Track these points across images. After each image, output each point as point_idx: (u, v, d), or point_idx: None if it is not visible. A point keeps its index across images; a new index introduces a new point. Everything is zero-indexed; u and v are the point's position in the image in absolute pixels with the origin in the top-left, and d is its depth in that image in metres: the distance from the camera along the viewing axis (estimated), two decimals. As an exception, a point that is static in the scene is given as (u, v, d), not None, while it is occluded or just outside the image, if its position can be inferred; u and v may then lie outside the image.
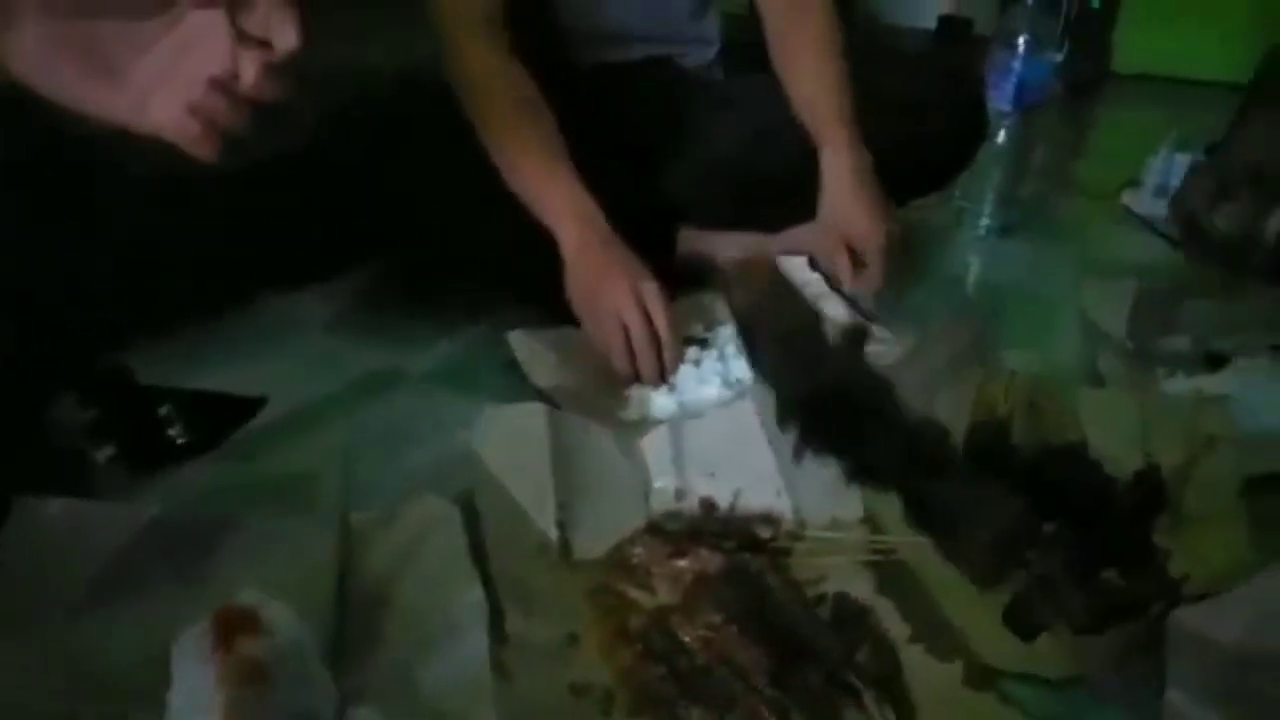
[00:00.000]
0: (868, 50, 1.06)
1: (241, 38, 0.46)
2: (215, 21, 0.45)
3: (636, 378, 0.87)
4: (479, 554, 0.61)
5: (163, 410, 0.77)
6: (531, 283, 0.98)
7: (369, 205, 1.02)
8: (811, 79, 1.03)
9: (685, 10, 1.15)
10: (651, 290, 0.87)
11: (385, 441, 0.81)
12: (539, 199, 0.92)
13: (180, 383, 0.80)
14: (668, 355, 0.87)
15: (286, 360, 0.94)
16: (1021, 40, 1.21)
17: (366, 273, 1.13)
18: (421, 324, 1.02)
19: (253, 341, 0.96)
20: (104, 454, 0.72)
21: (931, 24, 2.75)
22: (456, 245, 0.99)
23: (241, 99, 0.46)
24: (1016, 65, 1.21)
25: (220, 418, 0.80)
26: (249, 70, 0.46)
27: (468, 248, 0.99)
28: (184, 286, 0.91)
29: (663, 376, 0.86)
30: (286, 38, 0.45)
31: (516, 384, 0.89)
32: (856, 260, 0.99)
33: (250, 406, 0.82)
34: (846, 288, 1.00)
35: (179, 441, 0.76)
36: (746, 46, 1.20)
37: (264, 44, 0.46)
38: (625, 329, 0.86)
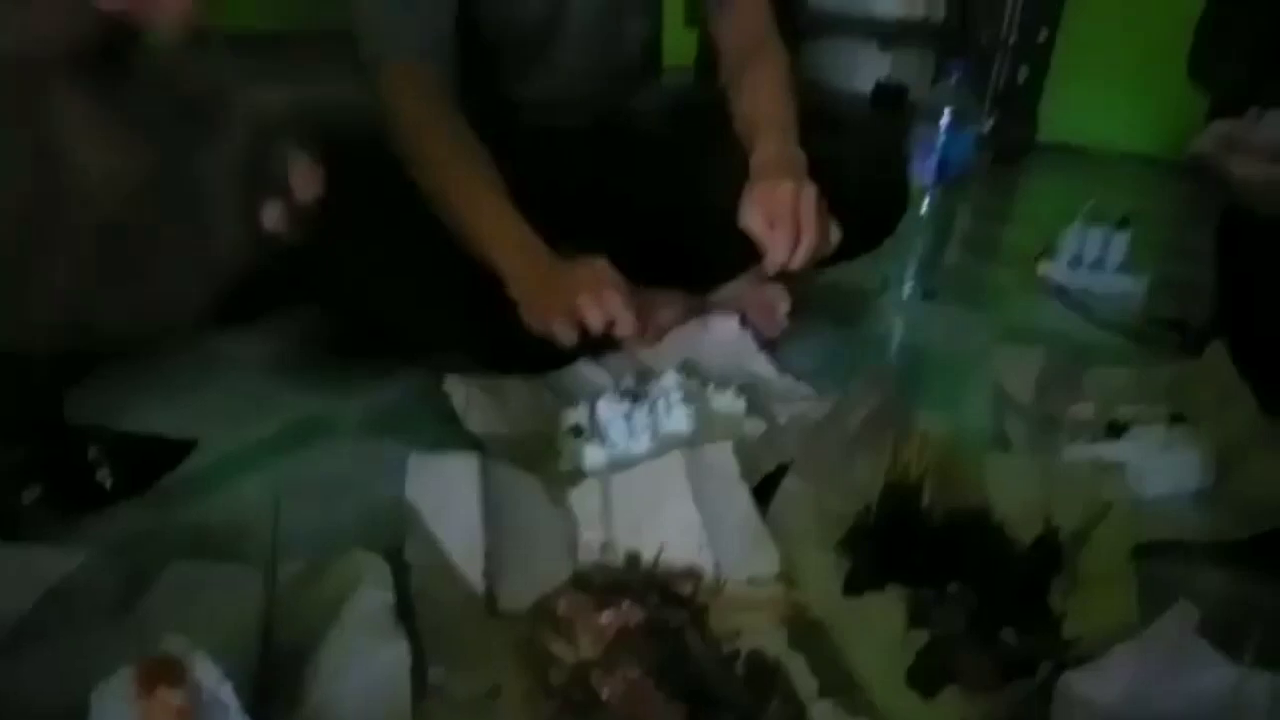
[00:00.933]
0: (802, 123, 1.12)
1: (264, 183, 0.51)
2: None
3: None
4: (406, 607, 0.63)
5: (91, 452, 0.77)
6: (469, 328, 1.00)
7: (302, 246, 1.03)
8: (762, 105, 1.08)
9: (629, 74, 1.20)
10: (604, 269, 0.92)
11: (317, 489, 0.81)
12: (480, 235, 0.95)
13: (109, 424, 0.80)
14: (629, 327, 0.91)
15: (219, 403, 0.94)
16: (945, 117, 1.28)
17: (300, 313, 1.13)
18: (357, 368, 1.03)
19: (184, 383, 0.96)
20: (30, 495, 0.72)
21: (866, 88, 2.87)
22: (391, 290, 1.00)
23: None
24: (940, 141, 1.28)
25: (150, 461, 0.80)
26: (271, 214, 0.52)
27: (402, 293, 1.01)
28: (114, 326, 0.90)
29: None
30: (307, 188, 0.52)
31: (452, 431, 0.90)
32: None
33: (180, 450, 0.83)
34: (772, 259, 1.00)
35: (107, 485, 0.75)
36: (692, 108, 1.26)
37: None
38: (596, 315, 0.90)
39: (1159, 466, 0.91)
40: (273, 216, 0.53)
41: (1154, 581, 0.78)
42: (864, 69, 2.92)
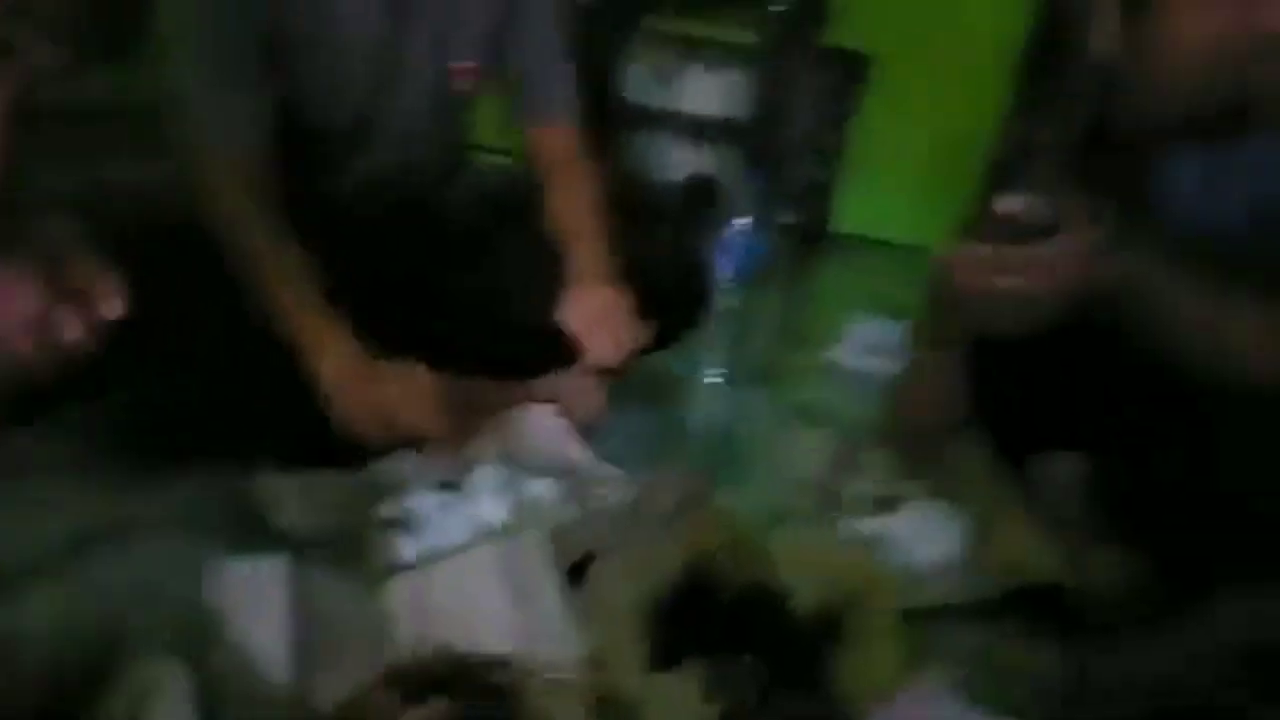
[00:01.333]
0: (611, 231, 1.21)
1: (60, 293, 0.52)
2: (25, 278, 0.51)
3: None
4: (211, 714, 0.63)
5: None
6: (278, 422, 1.00)
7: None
8: (572, 212, 1.17)
9: (435, 174, 1.25)
10: (419, 372, 0.96)
11: (113, 594, 0.79)
12: (293, 330, 0.96)
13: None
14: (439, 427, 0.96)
15: (5, 509, 0.90)
16: (744, 219, 1.41)
17: (90, 409, 1.08)
18: (156, 466, 1.00)
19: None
20: None
21: (678, 179, 3.06)
22: (191, 383, 1.00)
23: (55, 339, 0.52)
24: (738, 243, 1.41)
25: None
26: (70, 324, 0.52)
27: (204, 386, 1.00)
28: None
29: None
30: (112, 307, 0.52)
31: (260, 529, 0.90)
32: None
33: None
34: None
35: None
36: (506, 195, 1.32)
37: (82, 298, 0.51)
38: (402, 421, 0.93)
39: (923, 538, 1.03)
40: (73, 330, 0.54)
41: (919, 642, 0.89)
42: (677, 162, 3.11)
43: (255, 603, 0.70)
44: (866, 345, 1.71)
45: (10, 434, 1.00)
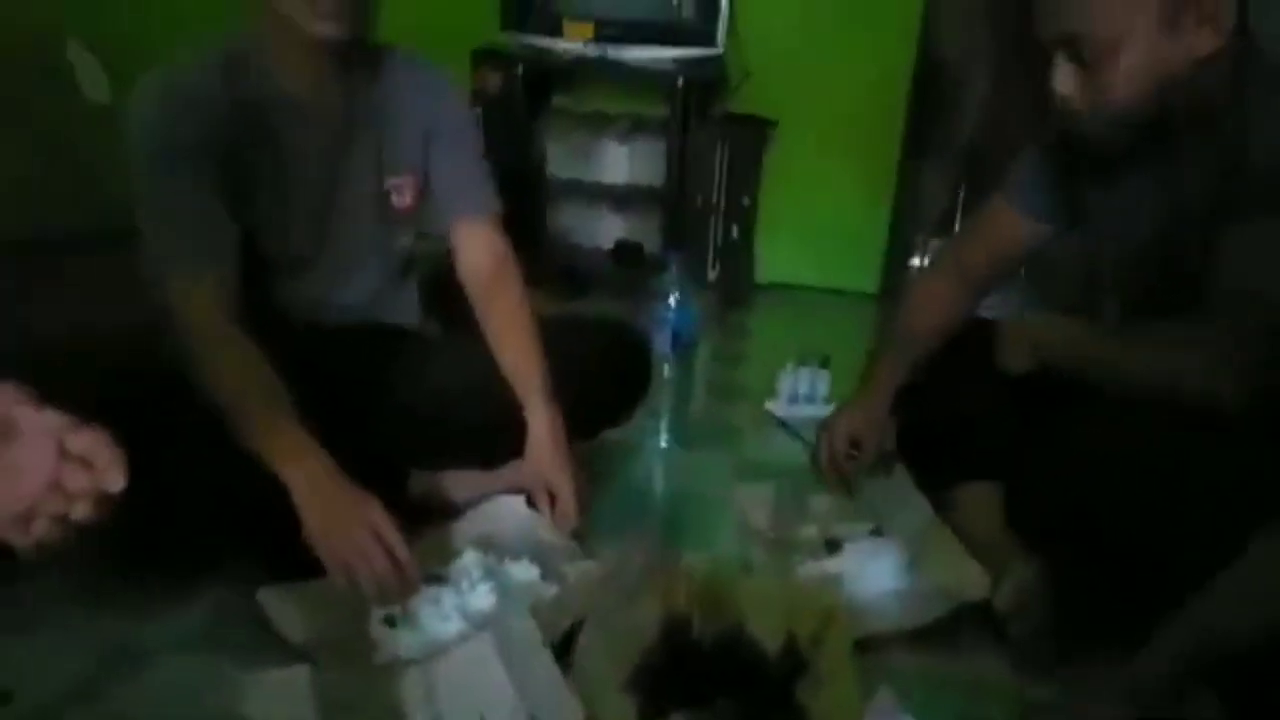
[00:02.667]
0: (555, 323, 1.31)
1: (66, 460, 0.55)
2: (45, 446, 0.55)
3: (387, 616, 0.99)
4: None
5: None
6: (270, 538, 1.07)
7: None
8: (512, 350, 1.25)
9: (384, 286, 1.34)
10: (383, 519, 0.99)
11: (145, 717, 0.86)
12: (267, 446, 1.01)
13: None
14: (409, 574, 0.99)
15: (22, 643, 0.95)
16: (672, 299, 1.54)
17: (88, 536, 1.14)
18: (160, 589, 1.07)
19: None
20: None
21: (608, 245, 3.20)
22: (182, 505, 1.03)
23: (64, 515, 0.56)
24: (670, 317, 1.54)
25: (-34, 721, 0.81)
26: (76, 485, 0.56)
27: (195, 508, 1.05)
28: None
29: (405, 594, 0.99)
30: (115, 479, 0.56)
31: (267, 642, 0.97)
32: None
33: (-3, 702, 0.84)
34: (551, 527, 1.22)
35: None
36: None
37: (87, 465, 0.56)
38: (364, 557, 0.97)
39: (868, 573, 1.15)
40: (82, 509, 0.56)
41: (871, 669, 1.00)
42: (603, 229, 3.25)
43: (284, 712, 0.78)
44: (796, 394, 1.84)
45: (19, 569, 1.05)
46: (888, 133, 3.07)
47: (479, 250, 1.31)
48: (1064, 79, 1.02)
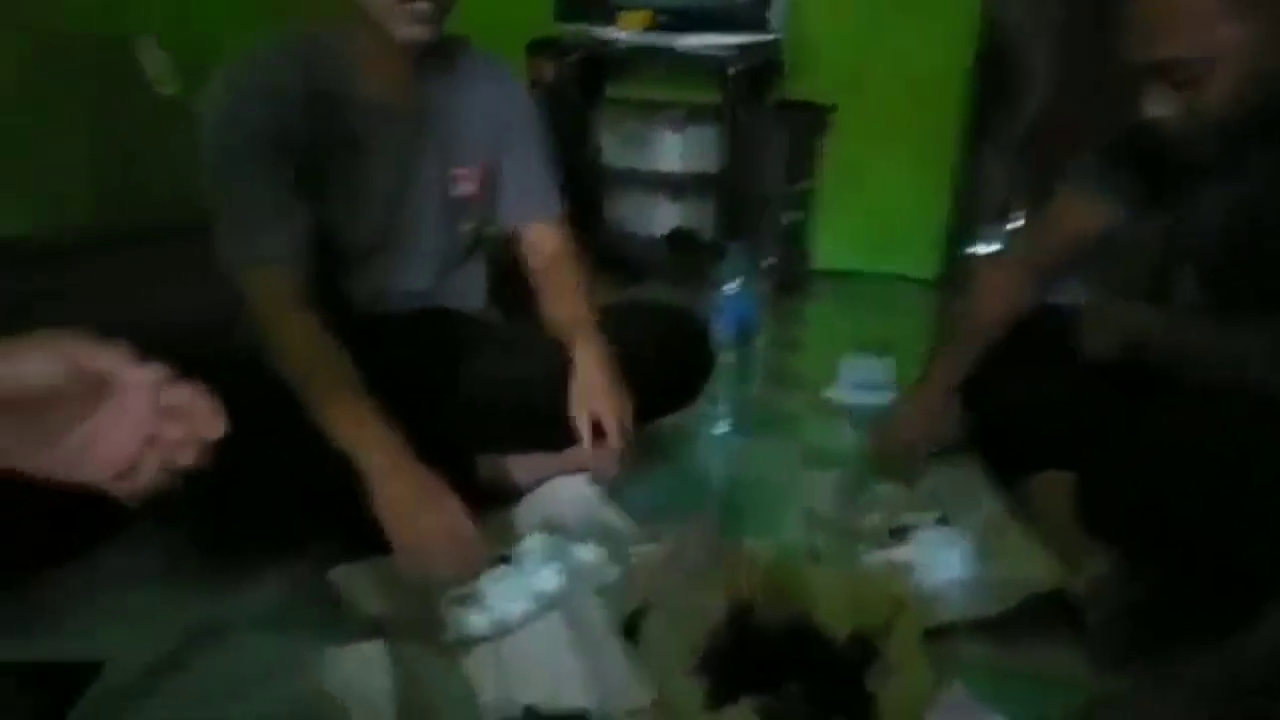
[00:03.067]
0: (616, 309, 1.31)
1: (164, 411, 0.57)
2: (142, 400, 0.57)
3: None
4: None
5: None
6: (344, 521, 1.09)
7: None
8: (566, 309, 1.29)
9: (449, 271, 1.35)
10: (451, 503, 1.02)
11: (228, 691, 0.88)
12: (340, 430, 1.03)
13: (10, 651, 0.84)
14: (476, 557, 1.02)
15: (112, 619, 0.98)
16: (732, 285, 1.53)
17: (169, 516, 1.17)
18: (238, 567, 1.10)
19: (72, 602, 1.00)
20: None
21: (663, 233, 3.20)
22: (259, 485, 1.06)
23: (164, 461, 0.58)
24: (733, 305, 1.53)
25: (59, 691, 0.84)
26: (173, 435, 0.57)
27: (271, 488, 1.08)
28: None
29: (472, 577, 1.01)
30: (213, 427, 0.58)
31: (342, 618, 0.98)
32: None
33: (85, 674, 0.87)
34: (592, 458, 1.24)
35: (25, 717, 0.79)
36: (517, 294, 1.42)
37: (184, 417, 0.57)
38: (434, 541, 0.99)
39: (936, 562, 1.13)
40: (186, 453, 0.57)
41: (942, 658, 0.98)
42: (658, 217, 3.25)
43: (364, 686, 0.80)
44: (858, 382, 1.82)
45: (98, 549, 1.09)
46: (948, 117, 3.02)
47: (542, 250, 1.34)
48: (1159, 103, 1.01)
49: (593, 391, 1.21)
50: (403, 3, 1.07)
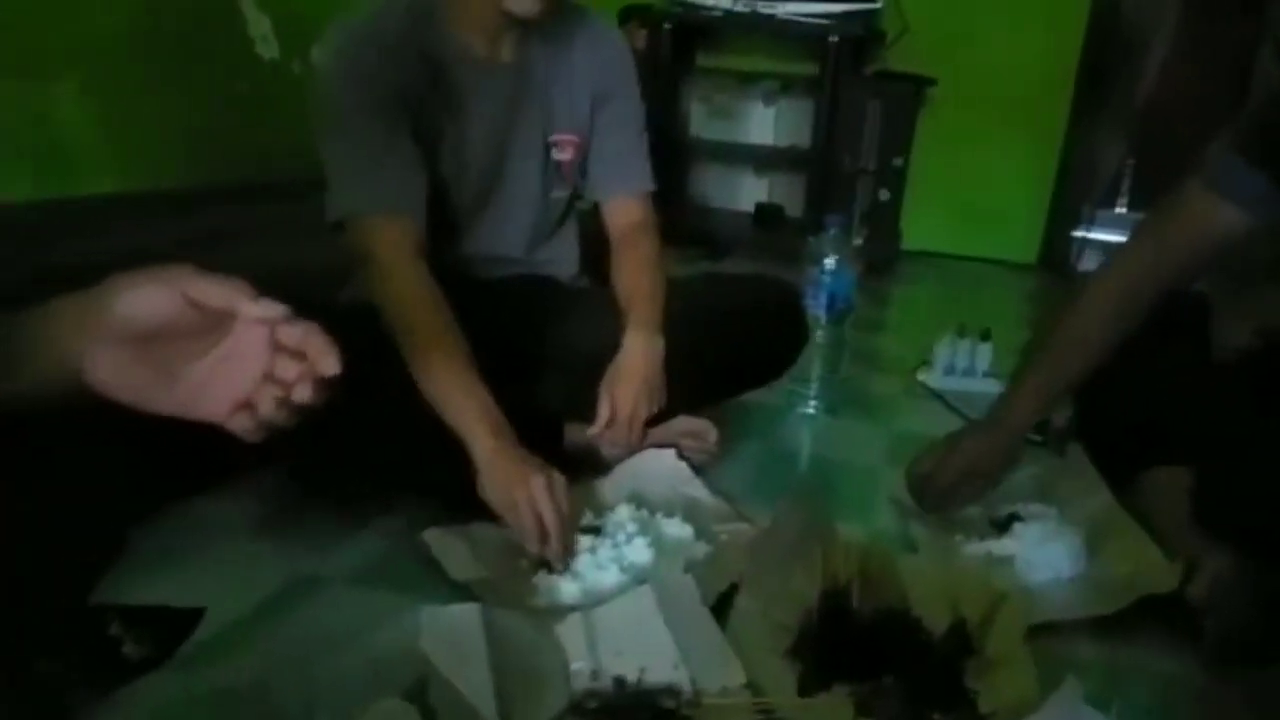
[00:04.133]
0: (709, 277, 1.29)
1: (279, 349, 0.57)
2: (258, 337, 0.57)
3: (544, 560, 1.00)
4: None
5: (113, 628, 0.83)
6: (435, 477, 1.09)
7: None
8: (634, 287, 1.26)
9: (543, 237, 1.35)
10: (559, 483, 1.01)
11: (324, 643, 0.89)
12: (455, 410, 1.03)
13: (115, 596, 0.86)
14: (570, 539, 1.01)
15: (213, 569, 1.01)
16: (829, 261, 1.49)
17: (269, 472, 1.19)
18: (335, 522, 1.11)
19: (176, 552, 1.02)
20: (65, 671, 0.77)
21: (749, 208, 3.14)
22: (360, 445, 1.07)
23: (281, 397, 0.57)
24: (827, 280, 1.49)
25: (165, 632, 0.86)
26: (289, 373, 0.57)
27: (371, 447, 1.09)
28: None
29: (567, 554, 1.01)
30: (329, 364, 0.57)
31: (434, 578, 0.99)
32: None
33: (191, 619, 0.89)
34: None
35: (132, 658, 0.82)
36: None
37: (299, 355, 0.57)
38: (538, 518, 0.99)
39: (1041, 557, 1.09)
40: (304, 389, 0.57)
41: (1046, 657, 0.94)
42: (744, 191, 3.20)
43: (457, 646, 0.80)
44: (954, 367, 1.76)
45: (206, 501, 1.12)
46: (1055, 94, 2.89)
47: (622, 221, 1.32)
48: None
49: (622, 376, 1.19)
50: None
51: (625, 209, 1.33)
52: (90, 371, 0.54)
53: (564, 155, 1.29)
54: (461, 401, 1.04)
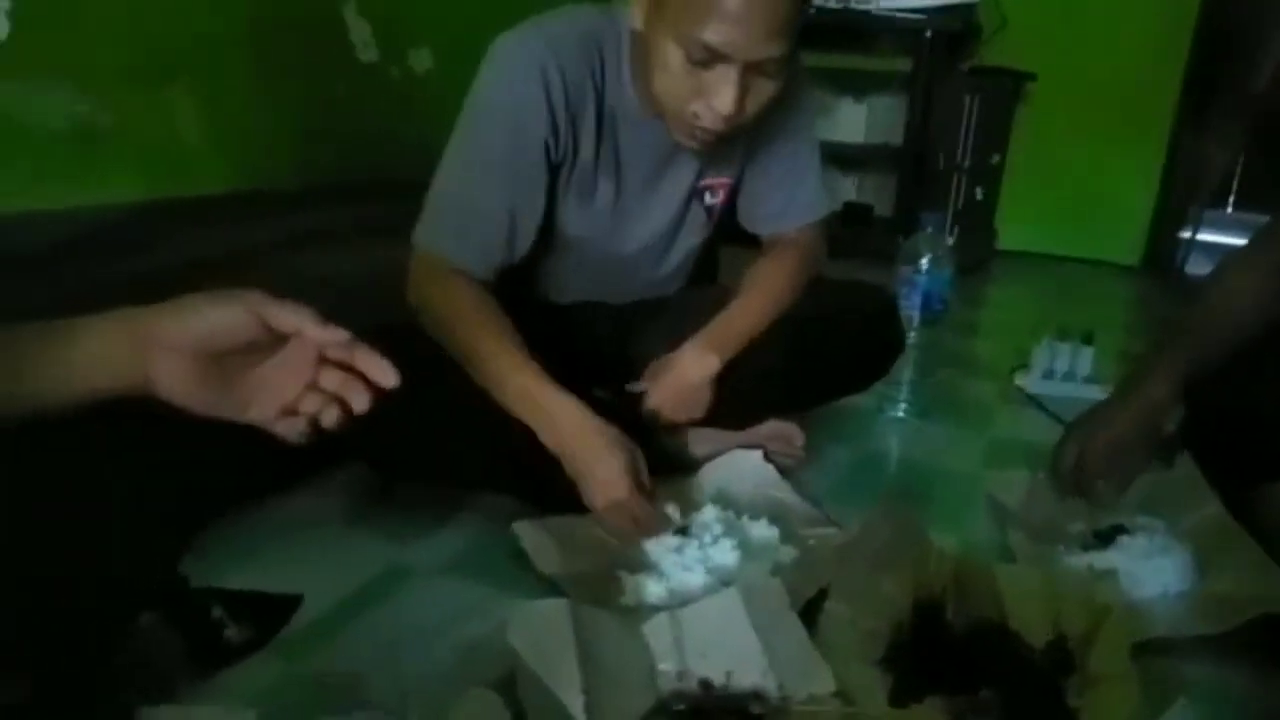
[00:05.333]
0: (811, 281, 1.26)
1: (324, 362, 0.62)
2: (308, 350, 0.62)
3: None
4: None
5: (215, 612, 0.86)
6: (519, 471, 1.10)
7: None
8: (729, 302, 1.19)
9: (669, 278, 1.31)
10: (643, 470, 1.01)
11: (414, 634, 0.91)
12: (521, 404, 1.03)
13: (214, 584, 0.90)
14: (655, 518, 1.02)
15: (307, 559, 1.04)
16: (924, 261, 1.45)
17: (352, 467, 1.22)
18: (425, 514, 1.14)
19: (270, 543, 1.06)
20: (171, 653, 0.81)
21: (836, 207, 3.09)
22: (443, 441, 1.07)
23: (322, 404, 0.63)
24: (922, 280, 1.45)
25: (266, 617, 0.89)
26: (332, 383, 0.63)
27: (454, 443, 1.09)
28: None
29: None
30: (387, 377, 0.62)
31: (521, 571, 1.01)
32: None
33: (289, 605, 0.92)
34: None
35: (235, 642, 0.85)
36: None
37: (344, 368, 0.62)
38: (624, 509, 1.00)
39: (1148, 571, 1.03)
40: (361, 401, 0.63)
41: (1152, 677, 0.90)
42: (833, 190, 3.15)
43: (545, 641, 0.80)
44: (1054, 371, 1.70)
45: (293, 494, 1.16)
46: (1162, 89, 2.76)
47: (777, 240, 1.26)
48: None
49: (661, 377, 1.15)
50: (693, 135, 1.02)
51: (779, 239, 1.27)
52: (158, 381, 0.59)
53: (715, 200, 1.24)
54: (535, 404, 1.03)
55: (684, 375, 1.15)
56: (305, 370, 0.63)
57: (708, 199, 1.23)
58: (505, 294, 1.10)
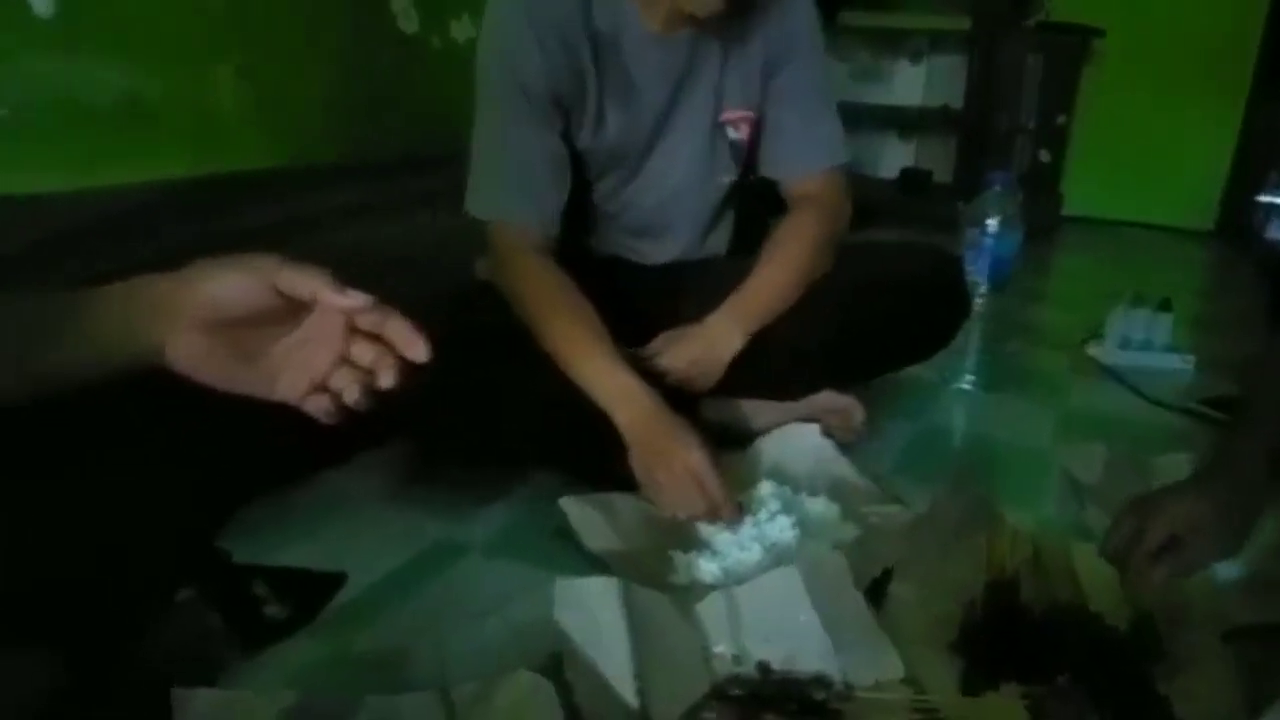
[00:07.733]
0: (859, 245, 1.20)
1: (355, 333, 0.58)
2: (336, 322, 0.58)
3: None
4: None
5: (257, 589, 0.84)
6: (570, 447, 1.07)
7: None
8: (751, 272, 1.15)
9: (703, 224, 1.28)
10: (703, 453, 0.97)
11: (460, 611, 0.88)
12: (597, 387, 1.02)
13: (258, 562, 0.88)
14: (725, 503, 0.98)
15: (351, 536, 1.01)
16: (992, 222, 1.37)
17: (399, 444, 1.20)
18: (470, 492, 1.11)
19: (314, 520, 1.04)
20: (213, 629, 0.79)
21: (892, 174, 2.99)
22: (492, 416, 1.06)
23: (355, 380, 0.58)
24: (989, 244, 1.37)
25: (309, 594, 0.87)
26: (365, 357, 0.58)
27: (504, 418, 1.07)
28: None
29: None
30: (417, 351, 0.57)
31: (570, 548, 0.97)
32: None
33: (333, 582, 0.90)
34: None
35: (277, 619, 0.82)
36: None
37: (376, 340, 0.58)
38: (683, 490, 0.96)
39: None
40: (386, 377, 0.58)
41: (1246, 663, 0.83)
42: (889, 157, 3.05)
43: (597, 623, 0.76)
44: (1129, 340, 1.61)
45: (340, 472, 1.14)
46: (1239, 48, 2.60)
47: (799, 194, 1.21)
48: None
49: (674, 347, 1.12)
50: None
51: (802, 188, 1.21)
52: (171, 351, 0.55)
53: (739, 134, 1.20)
54: (604, 381, 1.02)
55: (692, 346, 1.12)
56: (335, 343, 0.58)
57: (731, 134, 1.20)
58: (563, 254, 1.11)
